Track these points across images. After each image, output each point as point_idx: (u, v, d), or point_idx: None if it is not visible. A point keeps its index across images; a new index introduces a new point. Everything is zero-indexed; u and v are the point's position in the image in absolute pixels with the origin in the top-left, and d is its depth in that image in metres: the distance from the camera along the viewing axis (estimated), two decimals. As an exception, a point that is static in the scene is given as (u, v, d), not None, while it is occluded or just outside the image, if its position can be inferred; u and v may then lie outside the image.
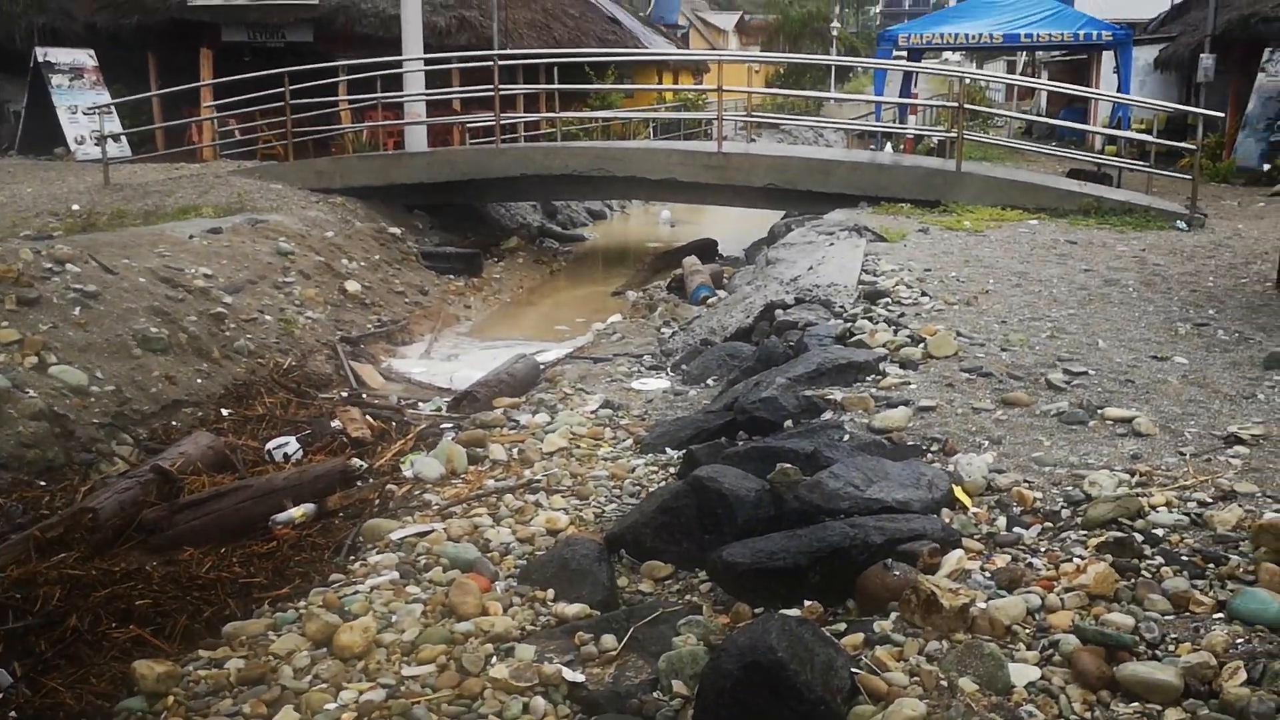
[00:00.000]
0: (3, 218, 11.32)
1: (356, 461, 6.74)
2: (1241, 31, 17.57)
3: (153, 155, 17.64)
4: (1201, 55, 18.01)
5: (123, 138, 18.13)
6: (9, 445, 6.31)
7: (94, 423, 6.89)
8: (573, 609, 4.17)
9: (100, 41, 20.04)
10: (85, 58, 19.50)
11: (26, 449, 6.37)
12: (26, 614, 4.72)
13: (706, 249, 14.13)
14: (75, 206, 12.14)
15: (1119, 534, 3.85)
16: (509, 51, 18.94)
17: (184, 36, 20.14)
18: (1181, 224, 11.38)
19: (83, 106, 18.41)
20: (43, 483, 6.30)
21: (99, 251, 8.82)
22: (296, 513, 5.83)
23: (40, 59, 18.83)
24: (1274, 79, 16.70)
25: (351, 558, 5.16)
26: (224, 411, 7.77)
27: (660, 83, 32.72)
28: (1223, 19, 18.22)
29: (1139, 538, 3.83)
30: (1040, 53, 29.31)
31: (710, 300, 10.24)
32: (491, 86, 14.71)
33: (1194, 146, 12.77)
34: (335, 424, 7.39)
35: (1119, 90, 18.65)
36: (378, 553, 5.04)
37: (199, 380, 7.99)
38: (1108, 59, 20.85)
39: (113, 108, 17.56)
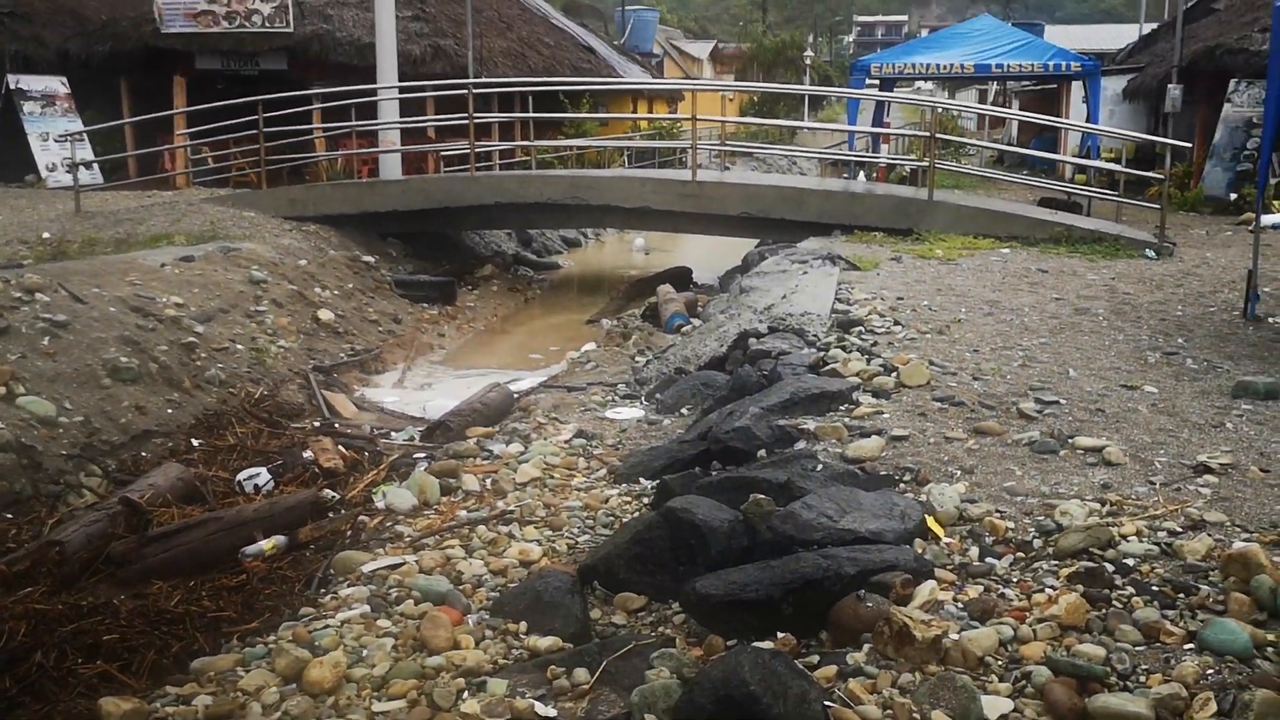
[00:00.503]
0: (-28, 246, 11.24)
1: (328, 492, 6.69)
2: (1208, 63, 17.83)
3: (125, 182, 17.58)
4: (1169, 86, 18.28)
5: (95, 165, 18.06)
6: (-25, 477, 6.23)
7: (62, 454, 6.81)
8: (545, 642, 4.14)
9: (73, 68, 20.00)
10: (57, 85, 19.44)
11: (-7, 481, 6.29)
12: (-9, 650, 4.65)
13: (681, 277, 14.17)
14: (46, 234, 12.06)
15: (1090, 564, 3.86)
16: (484, 80, 19.03)
17: (157, 64, 20.12)
18: (1150, 253, 11.50)
19: (55, 134, 18.34)
20: (9, 515, 6.22)
21: (69, 280, 8.77)
22: (266, 545, 5.78)
23: (12, 86, 18.75)
24: (1240, 109, 16.93)
25: (322, 591, 5.11)
26: (194, 442, 7.70)
27: (635, 111, 32.90)
28: (1189, 50, 18.51)
29: (1110, 568, 3.84)
30: (1011, 82, 29.64)
31: (684, 328, 10.25)
32: (466, 115, 14.74)
33: (1162, 176, 12.93)
34: (307, 454, 7.33)
35: (1088, 120, 18.88)
36: (349, 585, 4.99)
37: (169, 410, 7.93)
38: (1077, 89, 21.12)
39: (85, 135, 17.49)
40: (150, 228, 12.67)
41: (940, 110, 18.98)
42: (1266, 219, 13.20)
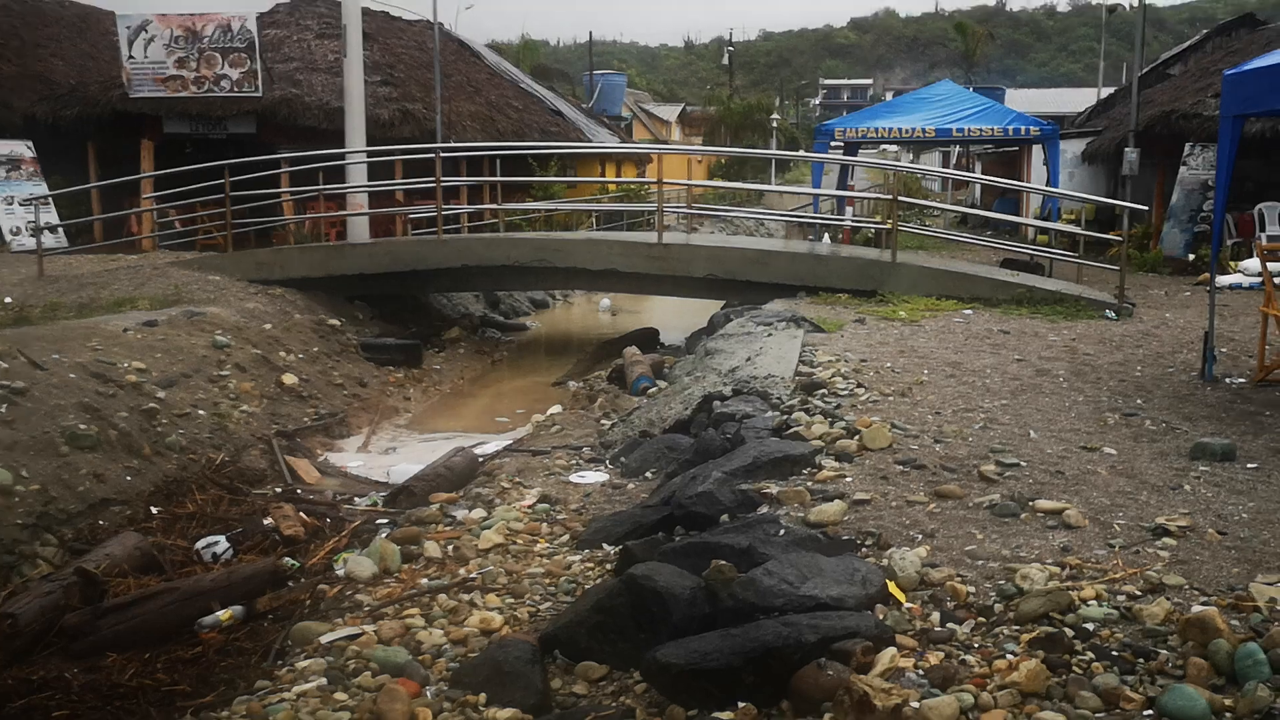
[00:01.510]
0: (-69, 311, 11.13)
1: (288, 561, 6.61)
2: (1163, 127, 18.24)
3: (91, 246, 17.50)
4: (1126, 149, 18.63)
5: (60, 229, 17.98)
6: (-74, 548, 6.12)
7: (17, 523, 6.70)
8: (505, 714, 4.08)
9: (39, 132, 19.96)
10: (23, 149, 19.40)
11: (-56, 552, 6.18)
12: (-64, 727, 4.55)
13: (647, 338, 14.21)
14: (8, 299, 11.97)
15: (1050, 629, 3.86)
16: (451, 145, 19.13)
17: (125, 127, 20.14)
18: (1111, 313, 11.65)
19: (19, 198, 18.25)
20: (-40, 587, 6.11)
21: (29, 346, 8.68)
22: (223, 615, 5.69)
23: (-23, 150, 18.71)
24: (1195, 172, 17.28)
25: (279, 662, 5.03)
26: (153, 510, 7.59)
27: (603, 174, 33.15)
28: (1145, 115, 18.93)
29: (1070, 632, 3.84)
30: (974, 145, 30.13)
31: (650, 391, 10.23)
32: (434, 178, 14.81)
33: (1121, 237, 13.13)
34: (268, 521, 7.25)
35: (1049, 182, 19.19)
36: (306, 657, 4.91)
37: (128, 477, 7.83)
38: (1038, 152, 21.47)
39: (50, 199, 17.42)
40: (114, 292, 12.61)
41: (904, 173, 19.24)
42: (1222, 279, 13.43)
